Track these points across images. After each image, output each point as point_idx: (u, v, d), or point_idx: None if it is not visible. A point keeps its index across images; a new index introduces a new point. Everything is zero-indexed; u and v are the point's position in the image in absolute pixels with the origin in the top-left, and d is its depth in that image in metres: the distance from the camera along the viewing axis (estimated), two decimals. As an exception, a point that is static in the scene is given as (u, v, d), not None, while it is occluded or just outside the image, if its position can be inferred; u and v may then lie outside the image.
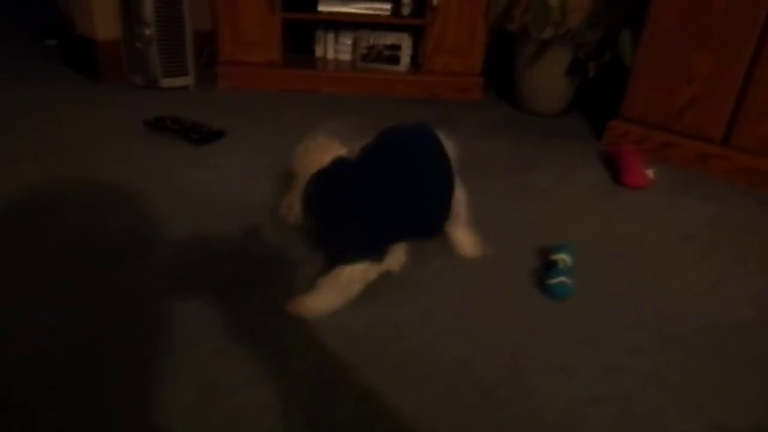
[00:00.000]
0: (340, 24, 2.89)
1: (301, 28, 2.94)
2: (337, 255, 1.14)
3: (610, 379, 1.03)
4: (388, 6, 2.68)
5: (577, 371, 1.04)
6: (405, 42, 2.77)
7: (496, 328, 1.15)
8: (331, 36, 2.95)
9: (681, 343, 1.13)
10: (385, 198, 1.13)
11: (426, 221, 1.21)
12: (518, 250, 1.44)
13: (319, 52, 3.00)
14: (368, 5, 2.67)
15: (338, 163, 1.14)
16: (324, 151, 1.16)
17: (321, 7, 2.67)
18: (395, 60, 2.79)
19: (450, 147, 1.21)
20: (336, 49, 2.97)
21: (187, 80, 2.65)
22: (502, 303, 1.23)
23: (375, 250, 1.13)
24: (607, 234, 1.56)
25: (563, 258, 1.28)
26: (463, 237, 1.37)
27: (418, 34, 2.79)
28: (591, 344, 1.12)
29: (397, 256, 1.19)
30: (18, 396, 0.92)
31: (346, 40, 2.93)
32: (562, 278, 1.21)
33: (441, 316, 1.18)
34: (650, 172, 1.88)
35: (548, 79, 2.50)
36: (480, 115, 2.57)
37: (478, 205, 1.67)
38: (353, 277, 1.12)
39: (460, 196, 1.26)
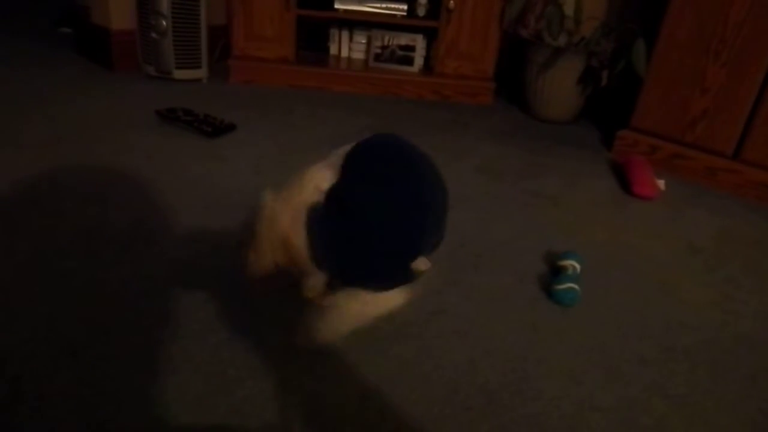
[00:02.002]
0: (354, 22, 2.89)
1: (316, 25, 2.95)
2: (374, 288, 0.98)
3: (615, 387, 1.03)
4: (404, 6, 2.68)
5: (582, 378, 1.04)
6: (419, 43, 2.77)
7: (502, 331, 1.15)
8: (345, 34, 2.95)
9: (686, 355, 1.13)
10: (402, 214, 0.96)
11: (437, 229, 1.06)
12: (525, 255, 1.44)
13: (332, 50, 3.01)
14: (384, 5, 2.68)
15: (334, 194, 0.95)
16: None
17: (337, 5, 2.67)
18: (408, 61, 2.79)
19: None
20: (350, 47, 2.98)
21: (200, 73, 2.65)
22: (509, 306, 1.23)
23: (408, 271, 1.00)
24: (615, 243, 1.56)
25: (572, 264, 1.28)
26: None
27: (431, 36, 2.79)
28: (596, 352, 1.11)
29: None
30: (27, 382, 0.93)
31: (360, 39, 2.94)
32: (570, 284, 1.21)
33: (446, 317, 1.18)
34: (661, 183, 1.87)
35: (560, 87, 2.50)
36: (490, 119, 2.57)
37: (486, 208, 1.68)
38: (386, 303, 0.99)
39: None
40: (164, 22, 2.43)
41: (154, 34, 2.47)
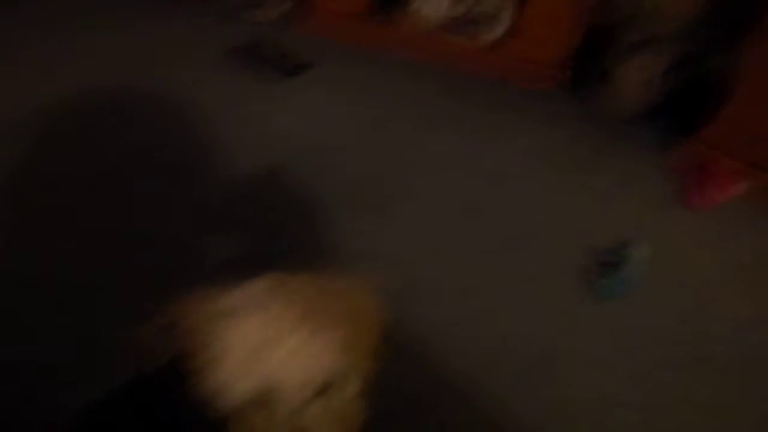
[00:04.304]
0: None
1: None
2: None
3: (643, 387, 1.04)
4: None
5: (611, 373, 1.05)
6: (506, 10, 2.68)
7: (538, 315, 1.16)
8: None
9: (718, 367, 1.13)
10: None
11: None
12: (565, 245, 1.42)
13: (410, 9, 2.95)
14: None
15: None
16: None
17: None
18: (488, 28, 2.71)
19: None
20: (428, 8, 2.92)
21: (273, 13, 2.66)
22: (546, 293, 1.24)
23: None
24: (661, 249, 1.53)
25: (622, 259, 1.27)
26: None
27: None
28: (629, 351, 1.12)
29: None
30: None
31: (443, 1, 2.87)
32: (616, 279, 1.21)
33: (479, 297, 1.19)
34: (740, 186, 1.80)
35: (632, 82, 2.43)
36: (552, 106, 2.51)
37: (531, 193, 1.66)
38: None
39: None
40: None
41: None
